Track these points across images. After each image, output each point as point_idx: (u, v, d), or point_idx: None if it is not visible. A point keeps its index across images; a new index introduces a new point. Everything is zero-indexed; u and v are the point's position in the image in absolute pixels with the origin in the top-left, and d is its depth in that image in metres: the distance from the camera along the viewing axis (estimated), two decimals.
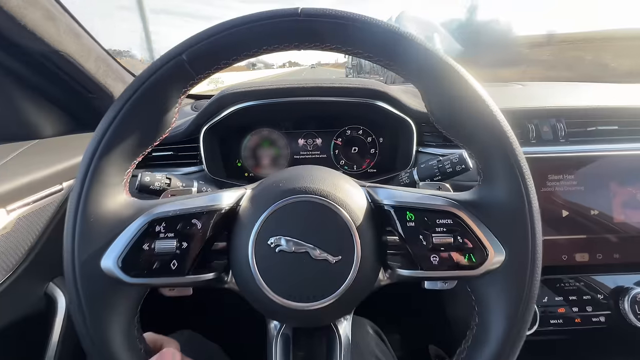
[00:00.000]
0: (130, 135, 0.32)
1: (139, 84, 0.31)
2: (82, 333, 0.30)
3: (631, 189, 0.56)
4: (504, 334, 0.31)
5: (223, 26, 0.31)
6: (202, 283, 0.33)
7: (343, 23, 0.30)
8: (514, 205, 0.31)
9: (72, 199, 0.31)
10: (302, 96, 0.65)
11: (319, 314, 0.32)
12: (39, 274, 0.54)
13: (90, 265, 0.30)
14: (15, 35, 0.44)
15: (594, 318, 0.58)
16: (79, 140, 0.63)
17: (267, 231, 0.32)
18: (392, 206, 0.34)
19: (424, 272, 0.33)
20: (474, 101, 0.31)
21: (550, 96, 0.76)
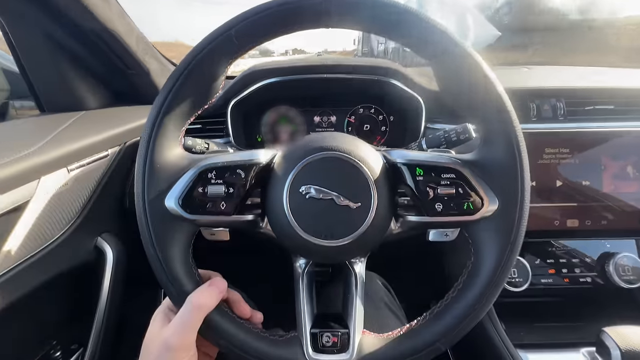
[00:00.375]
0: (186, 99, 0.38)
1: (194, 55, 0.37)
2: (150, 254, 0.37)
3: (621, 162, 0.61)
4: (494, 267, 0.37)
5: (265, 6, 0.36)
6: (243, 223, 0.40)
7: (365, 3, 0.36)
8: (508, 164, 0.37)
9: (141, 150, 0.37)
10: (322, 73, 0.70)
11: (340, 251, 0.38)
12: (89, 229, 0.62)
13: (157, 203, 0.37)
14: (75, 15, 0.50)
15: (581, 279, 0.64)
16: (119, 113, 0.69)
17: (299, 181, 0.38)
18: (404, 163, 0.40)
19: (429, 218, 0.39)
20: (480, 76, 0.36)
21: (552, 78, 0.80)
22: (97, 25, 0.52)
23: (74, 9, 0.48)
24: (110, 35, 0.55)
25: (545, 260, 0.65)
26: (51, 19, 0.51)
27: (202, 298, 0.36)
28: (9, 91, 0.69)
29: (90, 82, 0.66)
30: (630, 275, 0.62)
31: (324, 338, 0.39)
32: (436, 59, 0.38)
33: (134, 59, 0.63)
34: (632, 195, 0.61)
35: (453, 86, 0.39)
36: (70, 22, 0.52)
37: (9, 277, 0.46)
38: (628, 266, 0.62)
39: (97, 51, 0.60)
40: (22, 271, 0.48)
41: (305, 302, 0.41)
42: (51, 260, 0.53)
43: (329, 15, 0.37)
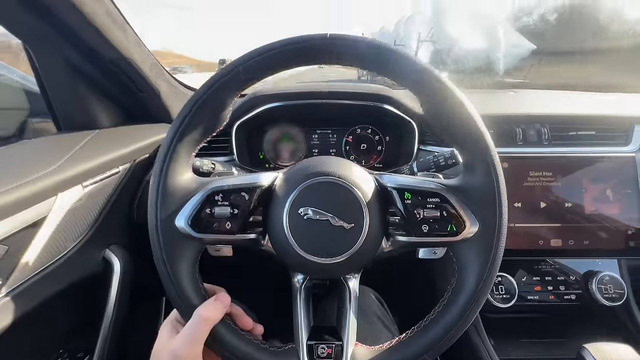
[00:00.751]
0: (197, 127, 0.42)
1: (206, 89, 0.41)
2: (160, 270, 0.40)
3: (601, 185, 0.65)
4: (476, 284, 0.40)
5: (270, 47, 0.41)
6: (246, 241, 0.43)
7: (358, 46, 0.40)
8: (487, 190, 0.40)
9: (155, 174, 0.41)
10: (321, 99, 0.75)
11: (334, 268, 0.42)
12: (98, 242, 0.65)
13: (168, 223, 0.41)
14: (95, 44, 0.55)
15: (566, 296, 0.67)
16: (130, 131, 0.74)
17: (297, 203, 0.41)
18: (394, 188, 0.43)
19: (417, 238, 0.42)
20: (460, 109, 0.40)
21: (538, 103, 0.85)
22: (115, 54, 0.57)
23: (94, 38, 0.53)
24: (126, 62, 0.60)
25: (531, 278, 0.68)
26: (72, 46, 0.56)
27: (209, 311, 0.39)
28: (29, 110, 0.73)
29: (104, 103, 0.70)
30: (612, 294, 0.65)
31: (319, 350, 0.42)
32: (420, 93, 0.42)
33: (146, 82, 0.68)
34: (612, 217, 0.65)
35: (436, 117, 0.43)
36: (89, 49, 0.56)
37: (24, 287, 0.49)
38: (610, 285, 0.65)
39: (113, 75, 0.64)
40: (37, 282, 0.51)
41: (302, 316, 0.44)
42: (63, 272, 0.56)
43: (328, 55, 0.41)
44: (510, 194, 0.63)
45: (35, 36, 0.54)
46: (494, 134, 0.72)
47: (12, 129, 0.70)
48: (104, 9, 0.50)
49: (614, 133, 0.73)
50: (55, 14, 0.47)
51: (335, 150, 0.87)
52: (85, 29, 0.50)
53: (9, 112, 0.71)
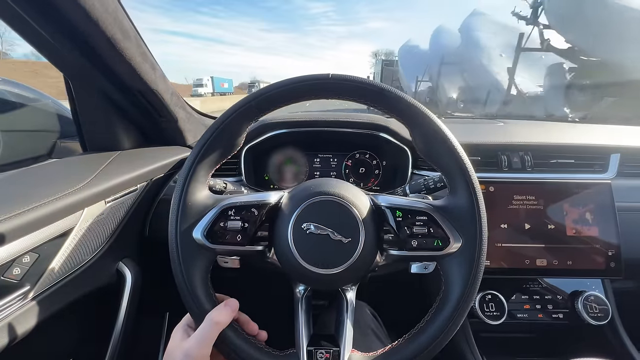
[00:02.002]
0: (215, 151, 0.48)
1: (224, 119, 0.48)
2: (177, 276, 0.45)
3: (581, 209, 0.70)
4: (460, 294, 0.44)
5: (280, 84, 0.48)
6: (254, 253, 0.48)
7: (356, 85, 0.47)
8: (469, 210, 0.46)
9: (177, 191, 0.47)
10: (323, 127, 0.83)
11: (333, 278, 0.46)
12: (113, 254, 0.70)
13: (186, 234, 0.46)
14: (128, 78, 0.63)
15: (553, 315, 0.71)
16: (148, 153, 0.81)
17: (301, 219, 0.47)
18: (387, 207, 0.49)
19: (406, 252, 0.47)
20: (443, 139, 0.47)
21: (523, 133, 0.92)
22: (144, 87, 0.65)
23: (128, 74, 0.61)
24: (153, 93, 0.68)
25: (520, 297, 0.72)
26: (107, 79, 0.64)
27: (219, 316, 0.43)
28: (59, 132, 0.81)
29: (127, 126, 0.78)
30: (597, 313, 0.68)
31: (318, 355, 0.45)
32: (412, 127, 0.49)
33: (166, 110, 0.75)
34: (592, 238, 0.69)
35: (426, 148, 0.49)
36: (122, 82, 0.64)
37: (49, 293, 0.54)
38: (595, 304, 0.68)
39: (138, 103, 0.72)
40: (59, 289, 0.55)
41: (302, 323, 0.48)
42: (82, 281, 0.60)
43: (329, 92, 0.48)
44: (496, 216, 0.70)
45: (77, 69, 0.62)
46: (482, 160, 0.79)
47: (44, 149, 0.77)
48: (140, 51, 0.59)
49: (592, 161, 0.80)
50: (98, 52, 0.55)
51: (336, 173, 0.94)
52: (122, 66, 0.58)
53: (42, 134, 0.78)
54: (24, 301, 0.49)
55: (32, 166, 0.61)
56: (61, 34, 0.51)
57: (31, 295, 0.50)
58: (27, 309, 0.50)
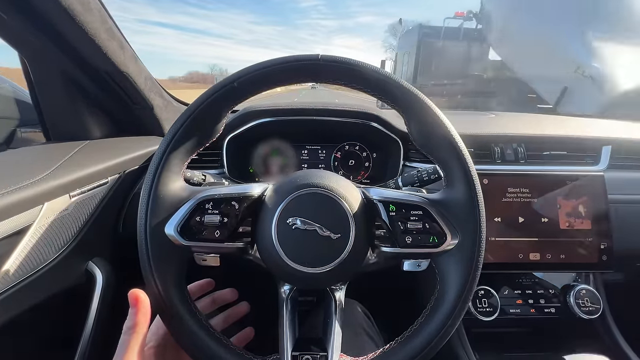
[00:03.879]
0: (190, 138, 0.43)
1: (200, 102, 0.43)
2: (147, 278, 0.40)
3: (574, 202, 0.69)
4: (457, 295, 0.41)
5: (265, 64, 0.43)
6: (234, 250, 0.44)
7: (348, 68, 0.43)
8: (466, 204, 0.43)
9: (147, 181, 0.42)
10: (311, 115, 0.78)
11: (321, 277, 0.42)
12: (82, 253, 0.64)
13: (157, 230, 0.41)
14: (93, 58, 0.57)
15: (546, 309, 0.69)
16: (120, 143, 0.74)
17: (286, 213, 0.42)
18: (379, 200, 0.45)
19: (400, 249, 0.44)
20: (442, 129, 0.43)
21: (516, 125, 0.90)
22: (112, 68, 0.59)
23: (92, 52, 0.55)
24: (122, 76, 0.61)
25: (513, 292, 0.70)
26: (70, 58, 0.57)
27: (128, 322, 0.38)
28: (19, 119, 0.73)
29: (96, 114, 0.71)
30: (589, 307, 0.67)
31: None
32: (408, 114, 0.45)
33: (140, 95, 0.69)
34: (585, 232, 0.68)
35: (422, 137, 0.45)
36: (86, 63, 0.58)
37: (4, 297, 0.48)
38: (587, 298, 0.68)
39: (107, 88, 0.66)
40: (17, 292, 0.50)
41: (287, 326, 0.44)
42: (44, 282, 0.54)
43: (318, 74, 0.44)
44: (490, 209, 0.67)
45: (34, 48, 0.56)
46: (475, 152, 0.76)
47: (1, 139, 0.69)
48: (105, 27, 0.52)
49: (584, 153, 0.79)
50: (56, 28, 0.49)
51: (324, 166, 0.90)
52: (85, 44, 0.52)
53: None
54: None
55: None
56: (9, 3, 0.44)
57: None
58: None
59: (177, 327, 0.40)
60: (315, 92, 46.11)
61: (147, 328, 0.38)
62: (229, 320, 0.54)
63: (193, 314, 0.42)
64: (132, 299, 0.38)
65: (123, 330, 0.37)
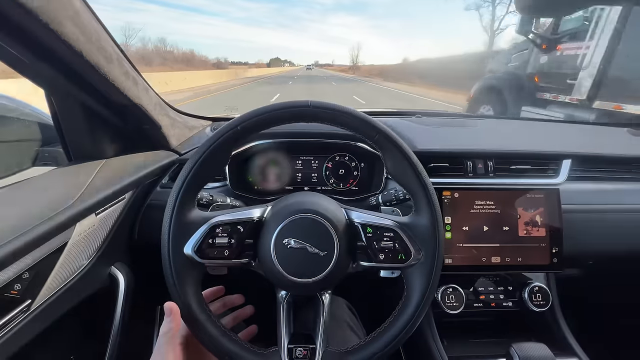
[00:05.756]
0: (202, 174, 0.52)
1: (210, 143, 0.52)
2: (172, 290, 0.50)
3: (532, 212, 0.80)
4: (419, 300, 0.52)
5: (263, 110, 0.52)
6: (240, 264, 0.54)
7: (332, 113, 0.52)
8: (429, 229, 0.53)
9: (168, 211, 0.51)
10: (304, 138, 0.87)
11: (310, 285, 0.53)
12: (105, 260, 0.74)
13: (178, 251, 0.51)
14: (111, 95, 0.64)
15: (504, 303, 0.82)
16: (133, 160, 0.82)
17: (282, 235, 0.52)
18: (360, 223, 0.55)
19: (375, 264, 0.54)
20: (411, 166, 0.52)
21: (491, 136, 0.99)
22: (127, 102, 0.66)
23: (111, 92, 0.62)
24: (136, 106, 0.69)
25: (477, 289, 0.82)
26: (91, 96, 0.65)
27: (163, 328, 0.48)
28: (41, 140, 0.81)
29: (111, 135, 0.79)
30: (540, 301, 0.79)
31: (297, 352, 0.53)
32: (379, 148, 0.54)
33: (150, 119, 0.77)
34: (540, 238, 0.79)
35: (395, 170, 0.55)
36: (105, 98, 0.65)
37: (48, 304, 0.58)
38: (539, 294, 0.80)
39: (121, 115, 0.73)
40: (57, 299, 0.60)
41: (284, 324, 0.55)
42: (77, 288, 0.65)
43: (306, 117, 0.53)
44: (459, 219, 0.78)
45: (57, 87, 0.63)
46: (450, 167, 0.86)
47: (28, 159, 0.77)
48: (122, 70, 0.60)
49: (546, 166, 0.89)
50: (82, 76, 0.56)
51: (317, 175, 0.99)
52: (105, 87, 0.60)
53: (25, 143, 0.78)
54: (25, 314, 0.53)
55: (21, 181, 0.63)
56: (43, 60, 0.51)
57: (32, 308, 0.54)
58: (28, 321, 0.54)
59: (197, 328, 0.51)
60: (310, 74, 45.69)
61: (178, 332, 0.48)
62: (237, 319, 0.65)
63: (208, 316, 0.52)
64: (168, 310, 0.48)
65: (160, 334, 0.47)
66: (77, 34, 0.46)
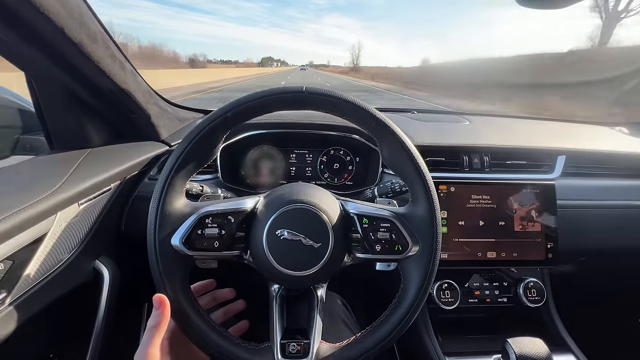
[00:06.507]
0: (190, 162, 0.50)
1: (199, 130, 0.49)
2: (158, 284, 0.48)
3: (527, 207, 0.79)
4: (416, 293, 0.50)
5: (255, 96, 0.50)
6: (231, 256, 0.52)
7: (328, 100, 0.50)
8: (427, 220, 0.51)
9: (154, 201, 0.49)
10: (298, 129, 0.85)
11: (305, 279, 0.51)
12: (89, 253, 0.70)
13: (165, 242, 0.48)
14: (97, 79, 0.61)
15: (499, 299, 0.81)
16: (120, 150, 0.79)
17: (275, 226, 0.50)
18: (355, 214, 0.54)
19: (371, 255, 0.52)
20: (408, 155, 0.51)
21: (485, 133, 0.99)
22: (114, 86, 0.63)
23: (96, 75, 0.59)
24: (123, 92, 0.66)
25: (472, 284, 0.81)
26: (75, 80, 0.61)
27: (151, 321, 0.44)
28: (22, 128, 0.77)
29: (97, 123, 0.75)
30: (535, 297, 0.79)
31: (291, 347, 0.51)
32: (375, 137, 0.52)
33: (138, 107, 0.74)
34: (536, 234, 0.79)
35: (393, 160, 0.53)
36: (90, 82, 0.62)
37: (25, 297, 0.54)
38: (534, 289, 0.79)
39: (108, 101, 0.70)
40: (36, 292, 0.56)
41: (277, 319, 0.53)
42: (58, 282, 0.61)
43: (301, 103, 0.51)
44: (455, 214, 0.77)
45: (38, 69, 0.60)
46: (446, 160, 0.85)
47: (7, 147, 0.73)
48: (108, 52, 0.57)
49: (541, 162, 0.88)
50: (64, 57, 0.53)
51: (311, 169, 0.97)
52: (90, 69, 0.57)
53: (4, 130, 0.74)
54: (0, 308, 0.50)
55: None
56: (23, 39, 0.48)
57: (8, 301, 0.51)
58: (4, 315, 0.51)
59: (185, 322, 0.48)
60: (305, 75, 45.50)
61: (166, 326, 0.45)
62: (228, 314, 0.63)
63: (197, 311, 0.50)
64: (157, 302, 0.45)
65: (147, 327, 0.44)
66: (57, 7, 0.43)
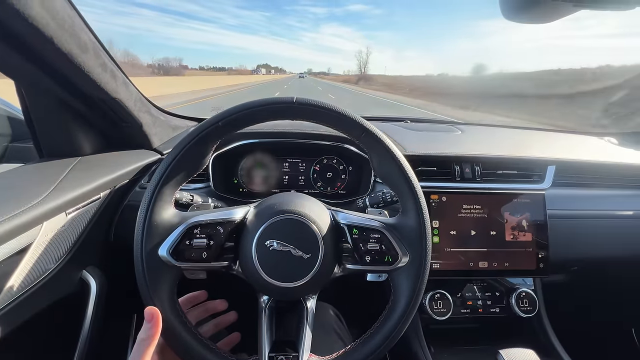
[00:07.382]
0: (180, 171, 0.50)
1: (190, 139, 0.49)
2: (144, 295, 0.47)
3: (518, 217, 0.80)
4: (407, 304, 0.50)
5: (246, 106, 0.50)
6: (219, 267, 0.51)
7: (319, 110, 0.50)
8: (417, 231, 0.51)
9: (142, 211, 0.48)
10: (291, 138, 0.85)
11: (294, 290, 0.50)
12: (76, 264, 0.69)
13: (152, 253, 0.47)
14: (87, 88, 0.61)
15: (491, 309, 0.81)
16: (110, 158, 0.79)
17: (264, 236, 0.50)
18: (345, 224, 0.53)
19: (361, 266, 0.52)
20: (398, 166, 0.51)
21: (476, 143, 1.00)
22: (105, 96, 0.63)
23: (87, 84, 0.59)
24: (114, 101, 0.66)
25: (464, 294, 0.81)
26: (65, 89, 0.61)
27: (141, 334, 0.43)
28: (11, 135, 0.76)
29: (88, 132, 0.75)
30: (527, 307, 0.79)
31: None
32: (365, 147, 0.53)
33: (130, 115, 0.74)
34: (526, 243, 0.79)
35: (383, 171, 0.53)
36: (81, 91, 0.62)
37: (6, 310, 0.53)
38: (526, 299, 0.79)
39: (99, 110, 0.70)
40: (20, 303, 0.55)
41: (265, 331, 0.52)
42: (43, 293, 0.60)
43: (292, 114, 0.51)
44: (447, 224, 0.77)
45: (28, 78, 0.59)
46: (437, 170, 0.85)
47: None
48: (99, 62, 0.57)
49: (532, 172, 0.89)
50: (54, 67, 0.53)
51: (304, 178, 0.97)
52: (80, 79, 0.56)
53: None
54: None
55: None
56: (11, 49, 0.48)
57: None
58: None
59: (170, 335, 0.47)
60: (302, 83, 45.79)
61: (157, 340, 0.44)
62: (219, 326, 0.61)
63: (184, 323, 0.49)
64: (148, 315, 0.44)
65: (137, 340, 0.43)
66: (46, 18, 0.43)
